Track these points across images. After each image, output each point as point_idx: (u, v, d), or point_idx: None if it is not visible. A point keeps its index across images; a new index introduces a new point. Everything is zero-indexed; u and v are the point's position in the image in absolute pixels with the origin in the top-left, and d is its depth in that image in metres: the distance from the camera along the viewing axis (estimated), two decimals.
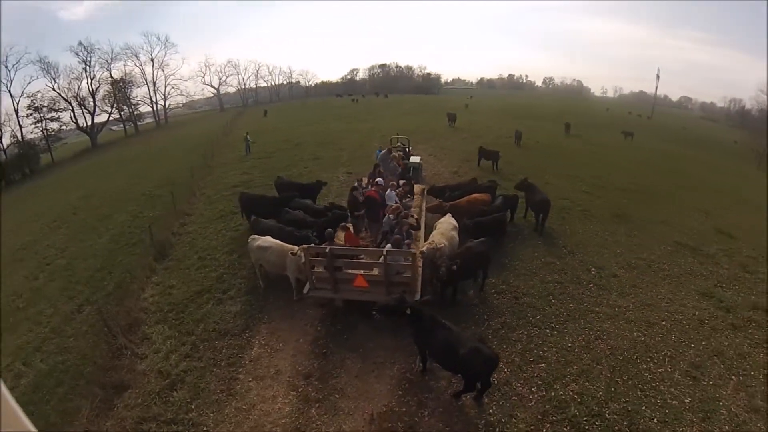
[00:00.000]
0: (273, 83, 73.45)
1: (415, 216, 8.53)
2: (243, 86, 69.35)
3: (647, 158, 22.17)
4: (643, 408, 5.41)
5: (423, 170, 14.44)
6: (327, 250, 6.40)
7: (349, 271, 6.67)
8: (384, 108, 45.24)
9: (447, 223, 8.41)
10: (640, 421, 5.19)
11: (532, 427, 5.05)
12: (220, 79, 66.07)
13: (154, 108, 54.56)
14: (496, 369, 5.27)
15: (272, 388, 5.71)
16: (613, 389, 5.70)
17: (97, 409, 5.58)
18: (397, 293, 6.23)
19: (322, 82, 78.23)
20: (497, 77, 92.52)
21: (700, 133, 43.85)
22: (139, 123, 51.88)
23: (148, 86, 53.53)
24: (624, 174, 17.66)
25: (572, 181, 15.78)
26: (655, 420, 5.23)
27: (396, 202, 8.67)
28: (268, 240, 7.78)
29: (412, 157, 14.03)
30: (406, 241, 7.00)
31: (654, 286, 8.45)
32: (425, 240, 8.02)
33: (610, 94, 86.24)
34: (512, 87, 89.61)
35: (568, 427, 5.06)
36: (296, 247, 7.18)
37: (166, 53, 55.78)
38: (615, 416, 5.24)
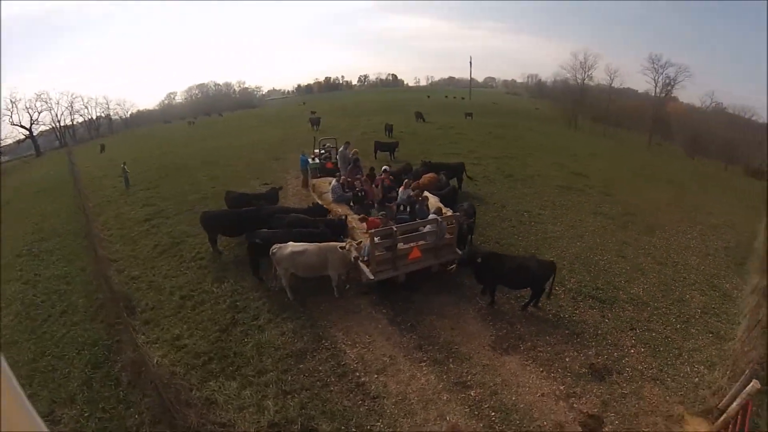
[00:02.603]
0: (90, 117, 66.55)
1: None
2: (58, 123, 59.48)
3: (492, 131, 29.76)
4: (612, 277, 9.34)
5: None
6: (395, 230, 7.80)
7: (404, 246, 8.17)
8: (228, 126, 45.71)
9: (431, 197, 10.75)
10: (616, 283, 9.08)
11: (576, 308, 8.14)
12: (31, 117, 52.61)
13: None
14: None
15: (403, 371, 6.60)
16: (592, 274, 9.40)
17: None
18: (444, 254, 8.41)
19: (138, 111, 73.85)
20: (314, 82, 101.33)
21: (509, 105, 58.89)
22: None
23: None
24: (487, 146, 23.60)
25: (457, 158, 20.13)
26: (622, 281, 9.19)
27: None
28: (299, 244, 8.24)
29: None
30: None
31: (565, 215, 13.07)
32: None
33: (423, 82, 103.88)
34: (329, 89, 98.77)
35: (591, 300, 8.38)
36: (341, 243, 8.13)
37: None
38: (605, 285, 8.95)
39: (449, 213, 9.24)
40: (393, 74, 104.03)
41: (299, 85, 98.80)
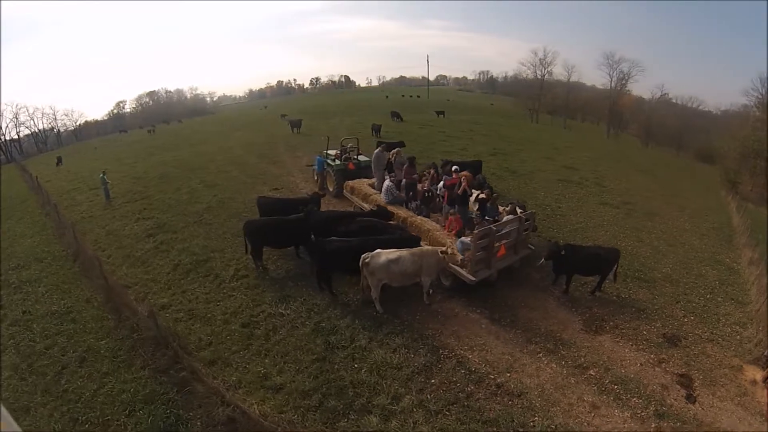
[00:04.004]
0: (36, 129, 63.21)
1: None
2: (3, 137, 56.73)
3: (471, 128, 31.34)
4: (642, 260, 11.06)
5: None
6: (494, 229, 8.45)
7: (496, 244, 8.76)
8: (193, 132, 43.44)
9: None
10: (648, 264, 10.80)
11: (629, 289, 9.58)
12: None
13: None
14: None
15: (528, 365, 7.17)
16: (627, 258, 10.86)
17: None
18: (521, 250, 9.52)
19: (86, 122, 71.60)
20: (266, 86, 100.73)
21: (464, 102, 61.54)
22: None
23: None
24: (476, 143, 25.14)
25: (453, 156, 21.27)
26: (651, 262, 10.96)
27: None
28: (393, 251, 8.06)
29: (361, 156, 15.77)
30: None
31: (579, 207, 14.83)
32: None
33: (375, 83, 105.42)
34: (282, 93, 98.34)
35: (637, 281, 9.94)
36: (442, 247, 8.42)
37: None
38: (641, 267, 10.55)
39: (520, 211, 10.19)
40: (346, 76, 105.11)
41: (251, 90, 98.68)
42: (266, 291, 9.10)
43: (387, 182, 11.58)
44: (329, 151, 16.00)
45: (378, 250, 8.06)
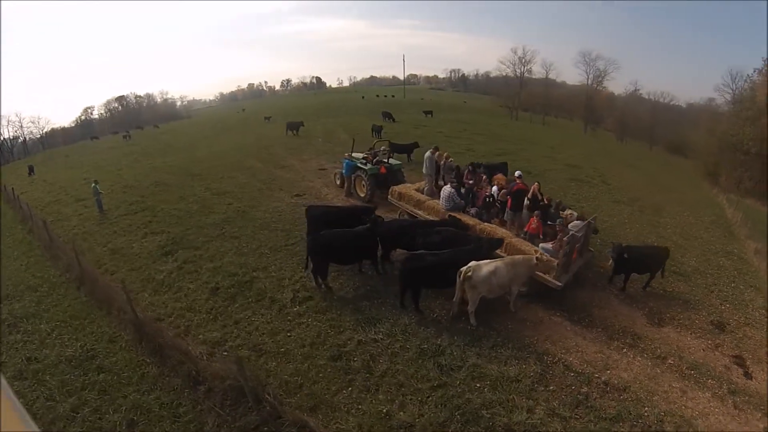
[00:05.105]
0: (2, 138, 60.14)
1: None
2: None
3: (465, 128, 32.22)
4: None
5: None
6: (578, 236, 9.22)
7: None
8: (175, 137, 41.91)
9: None
10: (675, 258, 12.02)
11: (670, 284, 10.87)
12: None
13: None
14: None
15: (619, 361, 7.75)
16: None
17: None
18: (585, 254, 10.52)
19: (53, 129, 67.57)
20: (237, 89, 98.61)
21: (438, 100, 62.49)
22: None
23: None
24: (478, 144, 26.18)
25: (463, 156, 21.93)
26: (678, 256, 12.26)
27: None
28: (490, 263, 8.08)
29: (391, 160, 15.72)
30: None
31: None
32: None
33: (346, 83, 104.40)
34: (254, 96, 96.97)
35: (673, 275, 11.24)
36: (535, 255, 8.71)
37: None
38: (672, 262, 11.67)
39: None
40: (317, 77, 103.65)
41: (222, 93, 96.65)
42: (342, 314, 8.24)
43: (448, 188, 11.10)
44: (355, 154, 15.35)
45: (475, 262, 7.97)
